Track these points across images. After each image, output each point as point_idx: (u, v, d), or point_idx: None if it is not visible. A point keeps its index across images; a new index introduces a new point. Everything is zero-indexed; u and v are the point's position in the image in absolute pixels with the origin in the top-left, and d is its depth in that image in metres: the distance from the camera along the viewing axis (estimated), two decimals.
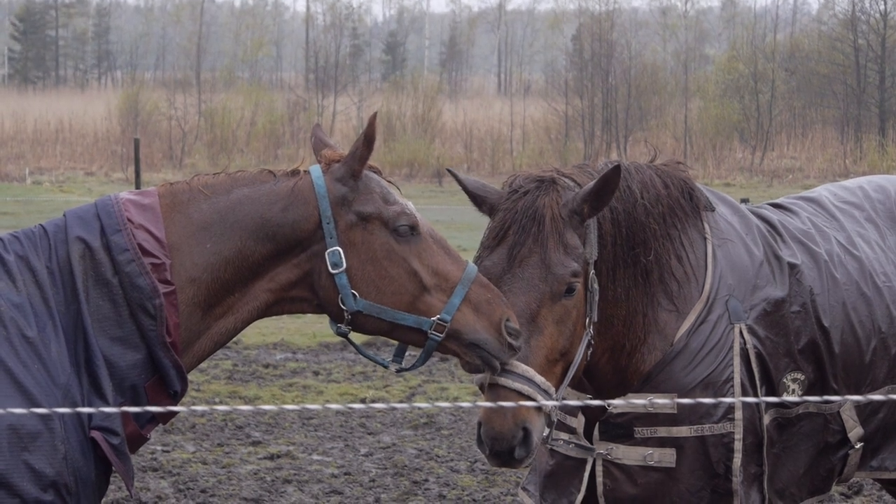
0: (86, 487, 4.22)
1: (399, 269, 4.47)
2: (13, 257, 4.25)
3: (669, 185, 5.47)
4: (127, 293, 4.25)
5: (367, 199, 4.49)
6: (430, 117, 47.76)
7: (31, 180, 38.83)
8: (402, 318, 4.47)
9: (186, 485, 9.90)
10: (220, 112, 47.83)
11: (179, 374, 4.35)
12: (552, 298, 4.99)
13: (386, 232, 4.48)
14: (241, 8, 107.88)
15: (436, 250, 4.54)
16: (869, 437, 5.77)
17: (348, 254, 4.44)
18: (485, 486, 9.99)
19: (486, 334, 4.50)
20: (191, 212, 4.39)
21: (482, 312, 4.50)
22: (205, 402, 12.59)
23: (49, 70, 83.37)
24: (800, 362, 5.52)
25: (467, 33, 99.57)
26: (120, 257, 4.26)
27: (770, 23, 69.02)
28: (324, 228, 4.43)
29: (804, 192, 6.37)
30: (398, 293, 4.47)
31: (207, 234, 4.38)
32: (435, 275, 4.49)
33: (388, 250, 4.47)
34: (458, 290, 4.48)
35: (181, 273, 4.33)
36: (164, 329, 4.27)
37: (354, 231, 4.46)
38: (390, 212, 4.49)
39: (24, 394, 4.09)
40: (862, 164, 43.50)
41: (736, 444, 5.31)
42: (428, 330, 4.47)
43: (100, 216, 4.32)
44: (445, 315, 4.46)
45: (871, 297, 5.80)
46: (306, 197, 4.47)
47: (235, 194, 4.44)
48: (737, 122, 49.01)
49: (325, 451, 11.01)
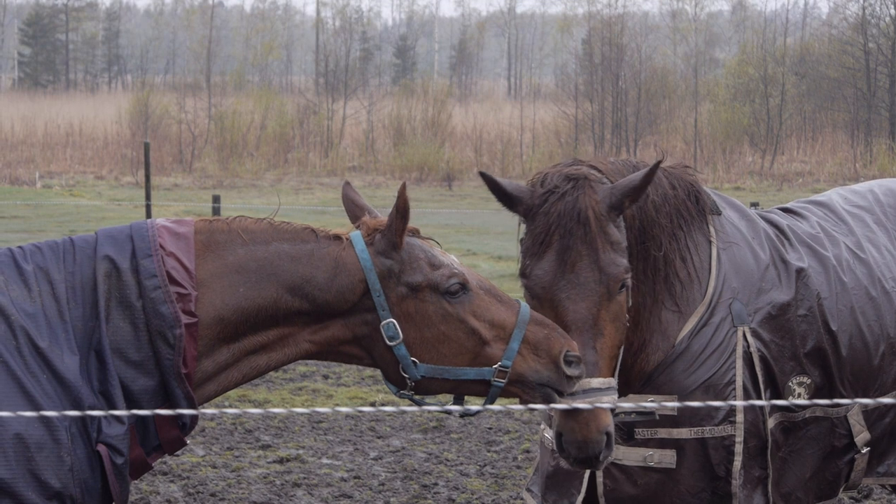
0: (91, 499, 4.22)
1: (457, 330, 4.51)
2: (32, 267, 4.25)
3: (676, 186, 5.47)
4: (149, 319, 4.25)
5: (413, 268, 4.51)
6: (440, 121, 47.77)
7: (41, 184, 38.88)
8: (464, 373, 4.53)
9: (196, 489, 9.90)
10: (231, 116, 47.87)
11: (190, 406, 4.35)
12: (609, 298, 4.99)
13: (438, 296, 4.50)
14: (251, 12, 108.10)
15: (488, 301, 4.56)
16: (875, 442, 5.76)
17: (404, 325, 4.48)
18: (494, 490, 9.99)
19: (546, 372, 4.54)
20: (226, 254, 4.40)
21: (541, 351, 4.54)
22: (214, 406, 12.60)
23: (59, 74, 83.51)
24: (806, 366, 5.51)
25: (477, 37, 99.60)
26: (147, 282, 4.26)
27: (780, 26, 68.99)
28: (374, 301, 4.46)
29: (814, 195, 6.37)
30: (459, 353, 4.52)
31: (241, 278, 4.38)
32: (492, 327, 4.53)
33: (442, 314, 4.50)
34: (516, 334, 4.52)
35: (209, 310, 4.33)
36: (181, 360, 4.27)
37: (407, 302, 4.49)
38: (438, 276, 4.51)
39: (32, 403, 4.09)
40: (872, 167, 43.45)
41: (737, 446, 5.31)
42: (490, 378, 4.52)
43: (133, 238, 4.33)
44: (506, 361, 4.50)
45: (879, 302, 5.79)
46: (351, 269, 4.47)
47: (275, 247, 4.44)
48: (747, 125, 48.95)
49: (335, 454, 11.01)
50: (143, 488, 9.84)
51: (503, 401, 4.81)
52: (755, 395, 5.36)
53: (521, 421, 11.93)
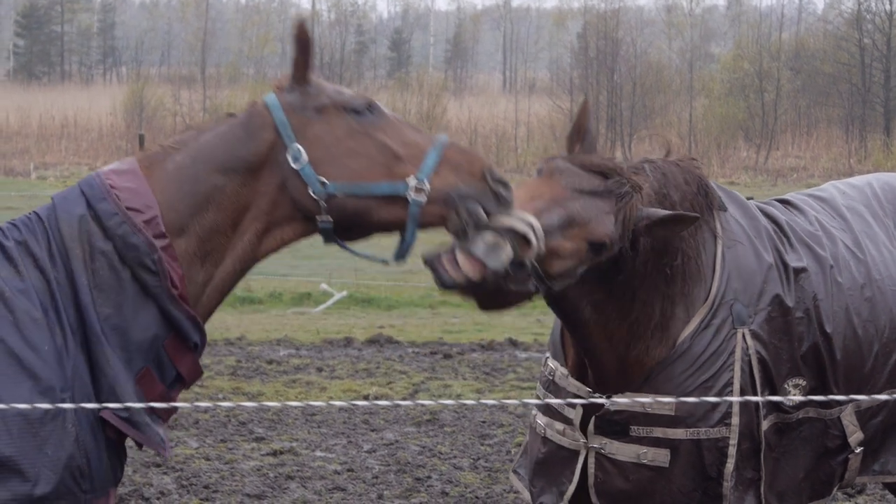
0: (99, 469, 4.21)
1: (365, 145, 4.35)
2: (13, 243, 4.25)
3: (689, 181, 5.43)
4: (123, 255, 4.22)
5: (319, 95, 4.41)
6: (434, 114, 47.80)
7: (35, 175, 38.87)
8: (378, 188, 4.31)
9: (189, 481, 9.90)
10: (226, 108, 47.55)
11: (195, 326, 4.31)
12: (591, 228, 5.01)
13: (344, 115, 4.37)
14: (246, 4, 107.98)
15: (402, 126, 4.41)
16: (868, 441, 5.75)
17: (310, 148, 4.33)
18: (487, 484, 9.99)
19: (469, 187, 4.31)
20: (166, 165, 4.38)
21: (462, 169, 4.32)
22: (208, 398, 12.59)
23: (54, 65, 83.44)
24: (801, 368, 5.50)
25: (472, 30, 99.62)
26: (110, 223, 4.24)
27: (775, 22, 69.04)
28: (281, 133, 4.36)
29: (812, 189, 6.33)
30: (370, 167, 4.33)
31: (183, 177, 4.34)
32: (405, 145, 4.35)
33: (349, 130, 4.36)
34: (432, 152, 4.33)
35: (171, 226, 4.30)
36: (169, 282, 4.24)
37: (313, 125, 4.37)
38: (346, 97, 4.40)
39: (34, 378, 4.09)
40: (867, 163, 43.49)
41: (730, 449, 5.31)
42: (406, 194, 4.28)
43: (84, 191, 4.31)
44: (422, 175, 4.29)
45: (875, 301, 5.76)
46: (261, 114, 4.40)
47: (202, 138, 4.41)
48: (742, 120, 49.01)
49: (328, 447, 11.01)
50: (137, 480, 9.83)
51: (497, 394, 4.77)
52: (752, 396, 5.35)
53: (515, 415, 11.92)
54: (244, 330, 16.77)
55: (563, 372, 5.50)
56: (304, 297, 20.07)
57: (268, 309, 19.30)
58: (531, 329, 17.10)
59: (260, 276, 21.76)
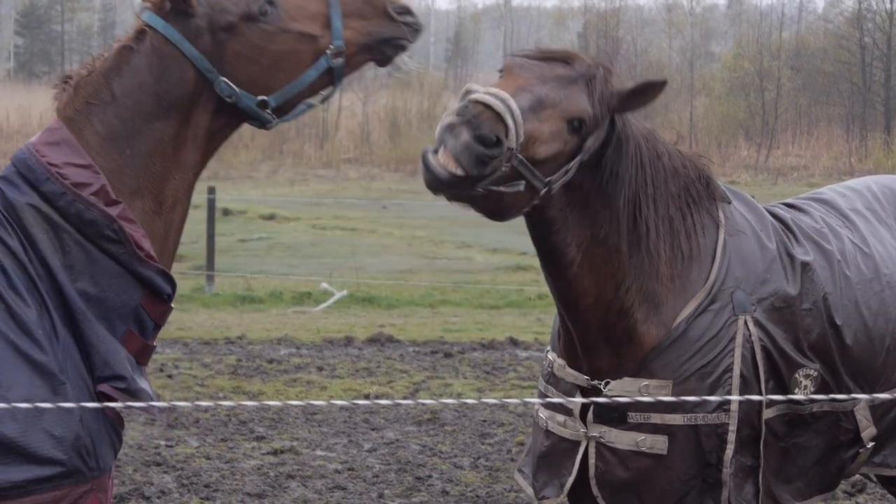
0: (101, 448, 4.22)
1: (287, 42, 4.33)
2: None
3: (688, 166, 5.43)
4: (84, 232, 4.19)
5: (219, 10, 4.30)
6: (435, 114, 47.76)
7: None
8: (308, 76, 4.36)
9: (190, 479, 9.90)
10: None
11: (165, 278, 4.31)
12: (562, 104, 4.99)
13: (253, 25, 4.30)
14: None
15: (295, 2, 4.38)
16: (879, 437, 5.76)
17: (238, 70, 4.30)
18: (488, 483, 9.99)
19: (380, 28, 4.40)
20: (95, 126, 4.28)
21: (366, 13, 4.40)
22: (209, 398, 12.60)
23: (54, 65, 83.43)
24: (812, 359, 5.50)
25: (472, 29, 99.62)
26: (60, 203, 4.18)
27: (776, 20, 69.02)
28: (199, 67, 4.28)
29: (814, 192, 6.34)
30: (299, 62, 4.35)
31: (120, 137, 4.27)
32: (312, 20, 4.35)
33: (267, 36, 4.31)
34: (333, 13, 4.36)
35: (122, 190, 4.25)
36: (133, 247, 4.22)
37: (229, 46, 4.30)
38: (241, 6, 4.31)
39: (32, 363, 4.09)
40: (867, 162, 43.51)
41: (729, 435, 5.30)
42: (329, 64, 4.36)
43: (22, 173, 4.23)
44: (336, 41, 4.35)
45: (884, 296, 5.77)
46: (168, 52, 4.29)
47: (118, 90, 4.28)
48: (742, 119, 49.03)
49: (329, 446, 11.01)
50: (137, 479, 9.84)
51: (498, 393, 4.77)
52: (755, 384, 5.34)
53: (516, 414, 11.93)
54: (244, 329, 16.78)
55: (560, 363, 5.50)
56: (304, 297, 20.09)
57: (268, 308, 19.31)
58: (532, 328, 17.11)
59: (260, 276, 21.80)
